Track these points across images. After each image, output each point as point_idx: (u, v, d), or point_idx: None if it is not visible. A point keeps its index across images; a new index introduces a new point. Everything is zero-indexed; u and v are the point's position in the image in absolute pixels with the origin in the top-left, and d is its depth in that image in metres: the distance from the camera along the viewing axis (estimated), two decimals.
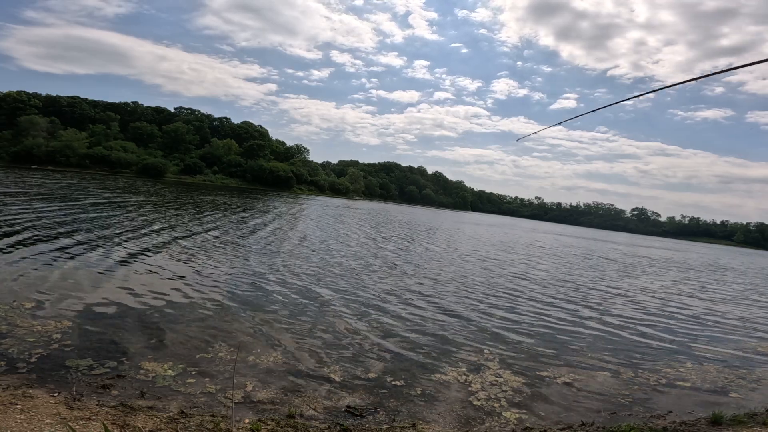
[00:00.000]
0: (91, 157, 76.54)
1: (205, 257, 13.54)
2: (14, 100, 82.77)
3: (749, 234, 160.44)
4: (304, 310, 9.13)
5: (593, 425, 5.38)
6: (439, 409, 5.47)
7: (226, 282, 10.70)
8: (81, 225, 16.82)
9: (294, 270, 13.09)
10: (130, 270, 10.73)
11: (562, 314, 11.49)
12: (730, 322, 13.22)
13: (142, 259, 12.16)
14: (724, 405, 6.38)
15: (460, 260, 20.58)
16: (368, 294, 11.23)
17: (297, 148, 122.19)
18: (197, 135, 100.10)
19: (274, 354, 6.56)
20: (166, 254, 13.21)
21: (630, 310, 13.24)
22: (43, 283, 8.74)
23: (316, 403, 5.26)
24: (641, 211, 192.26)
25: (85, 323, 6.88)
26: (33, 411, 4.08)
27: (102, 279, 9.60)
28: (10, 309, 7.01)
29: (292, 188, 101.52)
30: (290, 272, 12.69)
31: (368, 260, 16.96)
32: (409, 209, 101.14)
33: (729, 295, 19.58)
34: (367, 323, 8.71)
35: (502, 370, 6.96)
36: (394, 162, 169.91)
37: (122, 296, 8.52)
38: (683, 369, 8.05)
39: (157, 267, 11.39)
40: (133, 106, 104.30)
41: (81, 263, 10.82)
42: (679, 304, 15.51)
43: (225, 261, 13.31)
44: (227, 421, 4.43)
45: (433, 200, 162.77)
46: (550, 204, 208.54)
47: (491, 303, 11.88)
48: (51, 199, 25.32)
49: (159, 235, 16.84)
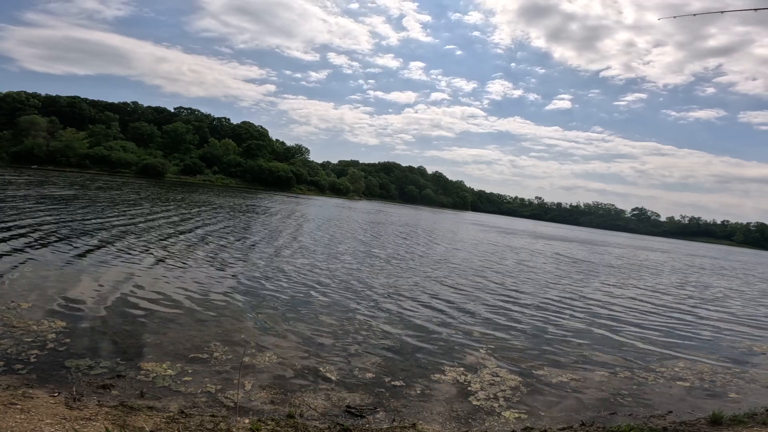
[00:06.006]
0: (92, 157, 76.49)
1: (205, 257, 13.53)
2: (14, 100, 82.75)
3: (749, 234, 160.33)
4: (304, 310, 9.13)
5: (593, 425, 5.38)
6: (439, 409, 5.47)
7: (226, 282, 10.69)
8: (80, 225, 16.81)
9: (294, 270, 13.09)
10: (130, 270, 10.72)
11: (561, 315, 11.49)
12: (730, 321, 13.21)
13: (141, 259, 12.15)
14: (724, 405, 6.37)
15: (458, 261, 20.58)
16: (368, 294, 11.22)
17: (297, 148, 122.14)
18: (197, 135, 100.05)
19: (274, 354, 6.55)
20: (166, 254, 13.21)
21: (629, 310, 13.24)
22: (42, 283, 8.74)
23: (316, 403, 5.26)
24: (641, 211, 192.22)
25: (84, 323, 6.87)
26: (33, 411, 4.07)
27: (101, 279, 9.59)
28: (7, 309, 7.00)
29: (293, 188, 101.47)
30: (290, 273, 12.69)
31: (368, 261, 16.96)
32: (409, 209, 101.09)
33: (729, 296, 19.58)
34: (367, 323, 8.70)
35: (501, 370, 6.96)
36: (393, 162, 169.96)
37: (122, 296, 8.51)
38: (683, 369, 8.05)
39: (157, 267, 11.39)
40: (132, 107, 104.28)
41: (80, 263, 10.82)
42: (679, 304, 15.51)
43: (224, 261, 13.30)
44: (227, 421, 4.43)
45: (433, 200, 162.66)
46: (550, 204, 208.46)
47: (490, 303, 11.88)
48: (51, 200, 25.31)
49: (158, 235, 16.84)
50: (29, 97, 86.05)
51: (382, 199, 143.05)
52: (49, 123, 77.15)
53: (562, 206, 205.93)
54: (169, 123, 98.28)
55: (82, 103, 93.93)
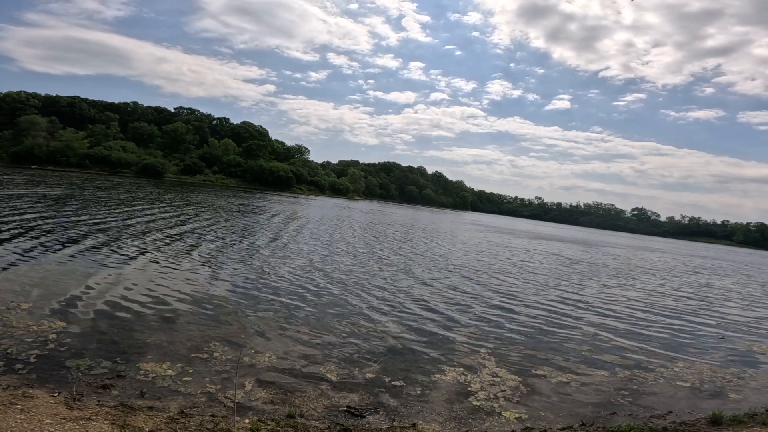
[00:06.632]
0: (91, 157, 76.44)
1: (205, 257, 13.53)
2: (14, 100, 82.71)
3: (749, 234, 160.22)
4: (304, 310, 9.13)
5: (593, 425, 5.38)
6: (439, 409, 5.47)
7: (226, 282, 10.69)
8: (79, 226, 16.81)
9: (293, 271, 13.09)
10: (130, 270, 10.72)
11: (561, 315, 11.49)
12: (730, 322, 13.21)
13: (141, 259, 12.15)
14: (724, 405, 6.38)
15: (458, 262, 20.57)
16: (368, 295, 11.23)
17: (297, 148, 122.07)
18: (197, 135, 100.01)
19: (274, 354, 6.55)
20: (165, 255, 13.21)
21: (629, 310, 13.24)
22: (42, 283, 8.74)
23: (316, 403, 5.26)
24: (641, 211, 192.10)
25: (84, 323, 6.88)
26: (33, 411, 4.07)
27: (101, 279, 9.59)
28: (7, 309, 7.01)
29: (293, 188, 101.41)
30: (290, 273, 12.69)
31: (367, 261, 16.96)
32: (409, 209, 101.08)
33: (729, 296, 19.57)
34: (367, 324, 8.70)
35: (501, 370, 6.96)
36: (393, 162, 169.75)
37: (122, 296, 8.51)
38: (683, 369, 8.05)
39: (157, 267, 11.39)
40: (132, 107, 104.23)
41: (80, 264, 10.82)
42: (679, 304, 15.51)
43: (224, 261, 13.31)
44: (227, 421, 4.43)
45: (433, 200, 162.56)
46: (550, 204, 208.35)
47: (490, 303, 11.88)
48: (49, 200, 25.31)
49: (158, 235, 16.84)
50: (29, 97, 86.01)
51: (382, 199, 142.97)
52: (49, 123, 77.10)
53: (562, 206, 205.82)
54: (169, 123, 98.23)
55: (82, 103, 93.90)
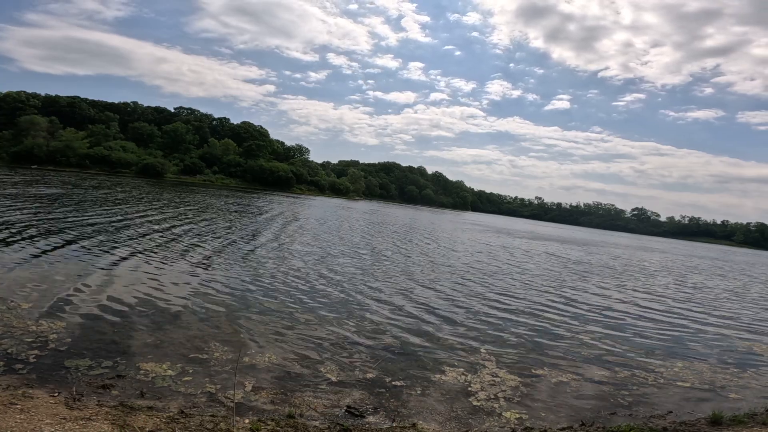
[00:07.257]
0: (91, 157, 76.44)
1: (205, 258, 13.53)
2: (14, 99, 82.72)
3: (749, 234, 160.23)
4: (304, 310, 9.13)
5: (593, 425, 5.38)
6: (439, 409, 5.47)
7: (226, 282, 10.69)
8: (78, 226, 16.81)
9: (293, 271, 13.09)
10: (130, 270, 10.72)
11: (561, 315, 11.49)
12: (730, 322, 13.21)
13: (141, 259, 12.15)
14: (724, 405, 6.38)
15: (458, 262, 20.57)
16: (367, 295, 11.23)
17: (297, 148, 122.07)
18: (197, 135, 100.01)
19: (274, 354, 6.55)
20: (165, 255, 13.21)
21: (629, 310, 13.24)
22: (41, 283, 8.74)
23: (316, 403, 5.26)
24: (641, 211, 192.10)
25: (84, 323, 6.88)
26: (33, 411, 4.07)
27: (100, 279, 9.59)
28: (7, 309, 7.01)
29: (293, 188, 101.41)
30: (289, 273, 12.69)
31: (367, 262, 16.96)
32: (409, 210, 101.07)
33: (729, 296, 19.57)
34: (367, 324, 8.70)
35: (501, 371, 6.96)
36: (393, 162, 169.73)
37: (122, 296, 8.51)
38: (683, 369, 8.05)
39: (157, 267, 11.39)
40: (132, 107, 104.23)
41: (80, 264, 10.82)
42: (679, 304, 15.51)
43: (224, 261, 13.31)
44: (227, 421, 4.43)
45: (433, 200, 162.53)
46: (549, 204, 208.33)
47: (490, 304, 11.87)
48: (49, 200, 25.31)
49: (158, 235, 16.84)
50: (29, 97, 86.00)
51: (382, 199, 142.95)
52: (49, 123, 77.10)
53: (562, 206, 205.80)
54: (169, 123, 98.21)
55: (82, 103, 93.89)
